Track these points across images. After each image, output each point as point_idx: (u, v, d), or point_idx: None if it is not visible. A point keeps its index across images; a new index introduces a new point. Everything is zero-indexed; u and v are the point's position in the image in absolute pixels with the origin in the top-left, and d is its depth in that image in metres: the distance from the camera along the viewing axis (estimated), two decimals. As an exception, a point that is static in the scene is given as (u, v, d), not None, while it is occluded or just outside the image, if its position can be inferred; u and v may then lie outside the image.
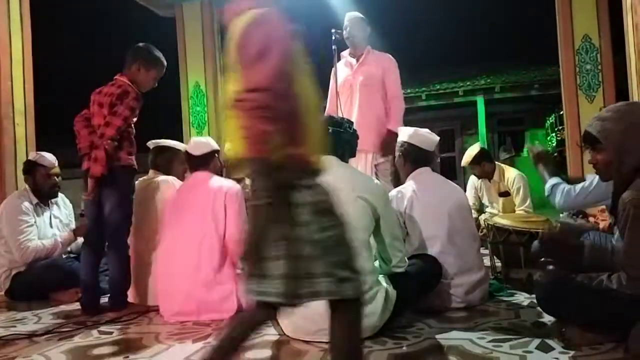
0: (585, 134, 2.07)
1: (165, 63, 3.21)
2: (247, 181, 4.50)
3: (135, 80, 3.08)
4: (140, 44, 3.16)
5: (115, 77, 3.08)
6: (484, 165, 4.77)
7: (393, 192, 2.87)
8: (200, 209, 2.86)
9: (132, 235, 3.21)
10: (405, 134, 2.98)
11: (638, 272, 1.83)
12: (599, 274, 1.97)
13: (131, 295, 3.16)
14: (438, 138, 2.99)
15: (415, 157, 2.91)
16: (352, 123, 2.52)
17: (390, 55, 4.09)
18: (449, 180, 3.01)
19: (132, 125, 3.07)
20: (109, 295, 3.06)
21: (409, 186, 2.85)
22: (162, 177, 3.36)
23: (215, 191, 2.90)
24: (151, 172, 3.46)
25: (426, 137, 2.94)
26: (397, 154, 3.00)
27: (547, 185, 2.63)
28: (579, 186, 2.44)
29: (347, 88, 3.98)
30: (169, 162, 3.43)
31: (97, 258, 3.02)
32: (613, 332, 1.94)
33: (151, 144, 3.50)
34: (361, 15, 4.07)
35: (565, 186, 2.51)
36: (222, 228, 2.86)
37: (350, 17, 4.04)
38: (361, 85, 3.93)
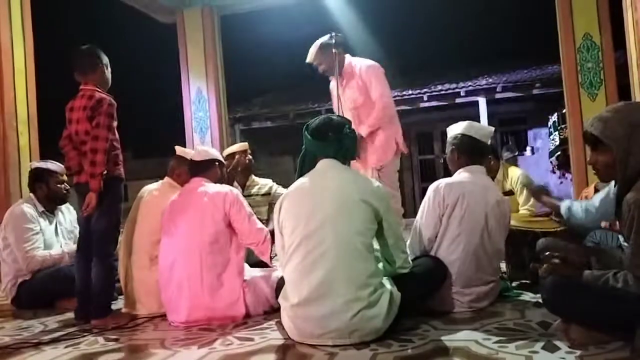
0: (586, 134, 2.03)
1: None
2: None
3: (101, 83, 3.05)
4: (86, 46, 3.09)
5: (81, 88, 3.03)
6: (490, 159, 4.77)
7: (442, 183, 2.72)
8: (200, 216, 2.84)
9: (125, 243, 3.22)
10: (458, 127, 2.85)
11: None
12: (606, 271, 1.97)
13: (125, 304, 3.19)
14: (493, 129, 2.88)
15: (470, 149, 2.77)
16: (351, 124, 2.53)
17: (372, 62, 3.98)
18: (499, 191, 2.85)
19: (115, 132, 3.02)
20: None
21: (460, 183, 2.69)
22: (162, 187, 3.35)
23: (213, 196, 2.89)
24: (166, 180, 3.39)
25: (481, 128, 2.84)
26: (449, 148, 2.86)
27: (563, 210, 2.63)
28: (596, 199, 2.43)
29: (337, 108, 3.98)
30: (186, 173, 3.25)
31: (89, 265, 3.00)
32: (619, 332, 1.93)
33: (179, 151, 3.38)
34: (320, 42, 3.94)
35: (580, 204, 2.51)
36: (222, 233, 2.86)
37: (312, 54, 3.93)
38: (349, 109, 3.93)
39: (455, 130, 2.86)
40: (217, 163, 3.12)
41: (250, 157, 4.53)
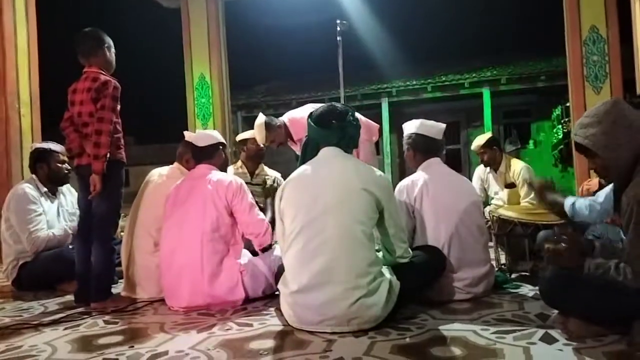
0: (574, 143, 2.06)
1: None
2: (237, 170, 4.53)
3: (105, 65, 3.04)
4: (88, 30, 3.07)
5: (85, 70, 3.02)
6: (495, 150, 4.79)
7: (404, 182, 2.86)
8: (202, 204, 2.85)
9: (130, 227, 3.23)
10: (411, 126, 2.96)
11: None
12: (607, 261, 1.96)
13: (125, 288, 3.20)
14: (445, 125, 2.98)
15: (424, 147, 2.90)
16: (354, 112, 2.52)
17: (307, 109, 3.81)
18: (458, 173, 3.00)
19: (119, 116, 3.00)
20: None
21: (420, 176, 2.83)
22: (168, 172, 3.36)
23: (217, 185, 2.89)
24: (175, 165, 3.41)
25: (433, 126, 2.93)
26: (405, 147, 2.99)
27: (567, 208, 2.62)
28: (601, 196, 2.42)
29: None
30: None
31: (89, 248, 3.00)
32: (616, 325, 1.94)
33: (188, 136, 3.33)
34: (262, 123, 3.86)
35: (584, 201, 2.50)
36: (223, 222, 2.86)
37: (262, 137, 3.88)
38: None
39: (408, 129, 2.97)
40: (221, 147, 3.12)
41: (262, 145, 4.51)
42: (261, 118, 3.88)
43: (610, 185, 2.40)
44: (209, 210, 2.84)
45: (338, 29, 3.92)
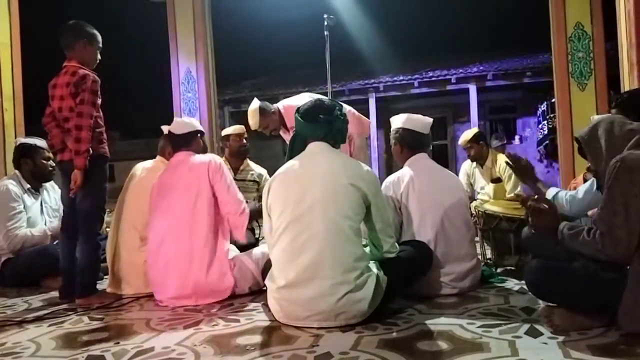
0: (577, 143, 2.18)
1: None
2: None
3: (84, 59, 2.99)
4: (70, 22, 3.03)
5: (64, 65, 2.98)
6: (482, 145, 4.85)
7: (390, 178, 2.87)
8: (186, 190, 2.84)
9: (115, 222, 3.20)
10: (398, 120, 2.98)
11: (605, 228, 1.85)
12: (581, 225, 2.01)
13: (110, 284, 3.17)
14: (431, 120, 2.99)
15: (411, 142, 2.91)
16: (342, 107, 2.51)
17: (301, 98, 3.86)
18: (445, 168, 3.01)
19: (99, 109, 2.96)
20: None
21: (406, 172, 2.84)
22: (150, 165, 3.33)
23: (197, 167, 2.89)
24: (158, 159, 3.40)
25: (420, 120, 2.94)
26: (392, 141, 3.00)
27: (549, 198, 2.66)
28: (581, 190, 2.46)
29: None
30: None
31: (73, 244, 2.97)
32: (601, 315, 1.97)
33: (167, 130, 3.30)
34: (257, 107, 3.85)
35: (565, 194, 2.54)
36: (211, 204, 2.86)
37: (256, 122, 3.86)
38: None
39: (395, 123, 2.99)
40: (198, 134, 3.11)
41: (245, 141, 4.51)
42: (256, 103, 3.87)
43: (590, 181, 2.45)
44: (193, 196, 2.83)
45: (325, 23, 3.91)
